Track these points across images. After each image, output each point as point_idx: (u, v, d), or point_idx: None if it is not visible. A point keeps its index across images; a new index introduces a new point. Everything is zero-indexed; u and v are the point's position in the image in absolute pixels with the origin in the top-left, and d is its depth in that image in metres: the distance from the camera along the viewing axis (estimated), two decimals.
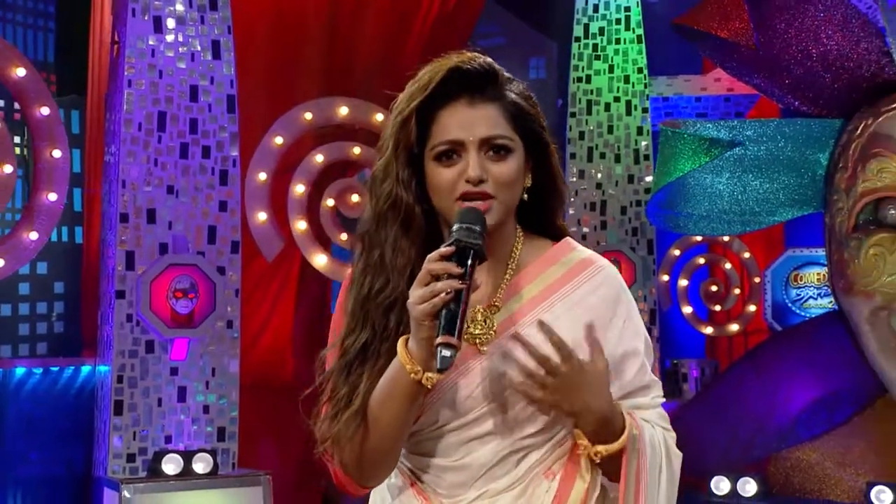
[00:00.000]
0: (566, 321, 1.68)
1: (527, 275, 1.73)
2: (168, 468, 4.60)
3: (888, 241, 4.86)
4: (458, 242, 1.57)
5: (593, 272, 1.75)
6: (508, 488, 1.67)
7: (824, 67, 5.45)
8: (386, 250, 1.68)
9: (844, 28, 5.50)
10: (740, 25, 5.03)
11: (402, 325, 1.65)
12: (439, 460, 1.69)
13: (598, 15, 7.12)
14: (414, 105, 1.66)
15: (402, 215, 1.68)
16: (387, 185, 1.68)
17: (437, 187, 1.67)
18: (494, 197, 1.65)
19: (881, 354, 4.88)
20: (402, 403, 1.61)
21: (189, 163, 4.87)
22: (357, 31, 5.85)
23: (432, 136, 1.67)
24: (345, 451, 1.65)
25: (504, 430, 1.67)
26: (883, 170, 4.89)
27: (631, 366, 1.72)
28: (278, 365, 5.81)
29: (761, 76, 5.46)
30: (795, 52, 5.44)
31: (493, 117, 1.67)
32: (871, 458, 5.02)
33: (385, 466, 1.69)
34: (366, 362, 1.66)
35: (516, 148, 1.68)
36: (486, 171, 1.65)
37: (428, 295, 1.54)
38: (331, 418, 1.66)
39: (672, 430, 1.74)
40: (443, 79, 1.66)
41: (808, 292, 7.01)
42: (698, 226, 5.32)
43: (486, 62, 1.69)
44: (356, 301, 1.70)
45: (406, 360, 1.58)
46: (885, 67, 5.57)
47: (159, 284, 4.69)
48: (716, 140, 4.61)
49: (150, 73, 4.84)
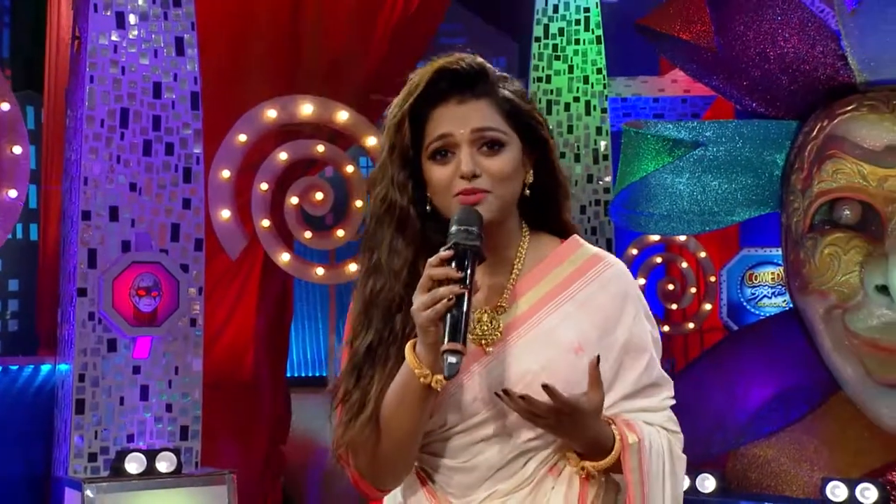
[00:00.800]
0: (575, 320, 1.70)
1: (534, 275, 1.74)
2: (131, 467, 4.58)
3: (843, 240, 4.95)
4: (456, 245, 1.58)
5: (602, 269, 1.75)
6: (517, 488, 1.69)
7: (781, 70, 5.56)
8: (383, 252, 1.70)
9: (801, 31, 5.61)
10: (702, 28, 5.12)
11: (407, 328, 1.66)
12: (448, 461, 1.71)
13: (557, 16, 7.18)
14: (406, 107, 1.68)
15: (396, 217, 1.70)
16: (382, 188, 1.71)
17: (434, 186, 1.69)
18: (490, 191, 1.66)
19: (835, 352, 4.96)
20: (413, 408, 1.62)
21: (152, 160, 4.86)
22: (321, 30, 5.86)
23: (426, 136, 1.69)
24: (360, 456, 1.67)
25: (510, 432, 1.68)
26: (838, 171, 4.98)
27: (639, 363, 1.73)
28: (239, 363, 5.80)
29: (720, 78, 5.55)
30: (753, 54, 5.54)
31: (483, 111, 1.68)
32: (825, 454, 5.12)
33: (401, 470, 1.71)
34: (375, 365, 1.68)
35: (510, 142, 1.69)
36: (480, 166, 1.66)
37: (430, 301, 1.55)
38: (345, 424, 1.68)
39: (680, 433, 1.76)
40: (432, 80, 1.68)
41: (762, 291, 7.14)
42: (659, 225, 5.40)
43: (475, 61, 1.71)
44: (361, 303, 1.72)
45: (415, 365, 1.60)
46: (839, 70, 5.69)
47: (122, 282, 4.67)
48: (678, 141, 4.69)
49: (112, 70, 4.82)
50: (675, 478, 1.71)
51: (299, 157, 5.48)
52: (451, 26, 7.76)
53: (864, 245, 4.84)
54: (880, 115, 4.97)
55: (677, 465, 1.72)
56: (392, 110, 1.71)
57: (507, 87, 1.73)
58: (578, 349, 1.67)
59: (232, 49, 5.66)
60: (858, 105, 5.05)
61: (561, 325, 1.69)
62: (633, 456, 1.65)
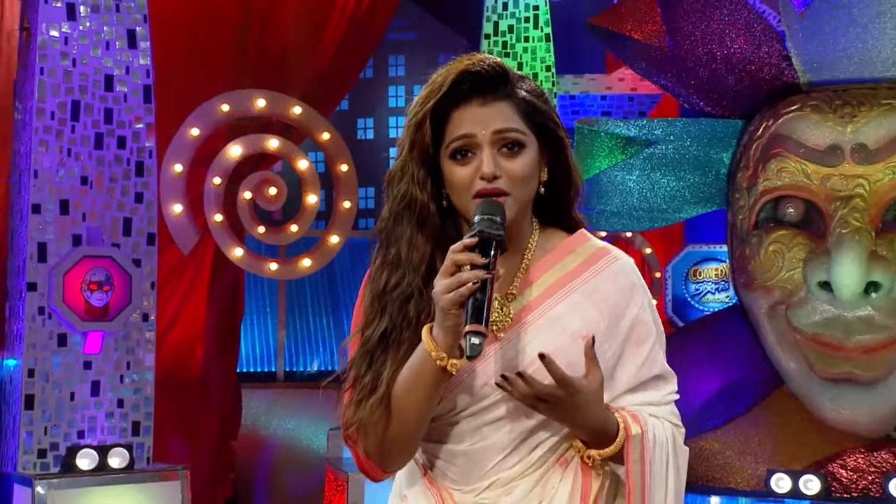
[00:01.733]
0: (582, 310, 1.75)
1: (543, 264, 1.79)
2: (83, 463, 4.56)
3: (786, 237, 5.05)
4: (481, 234, 1.63)
5: (609, 262, 1.81)
6: (521, 476, 1.72)
7: (728, 70, 5.68)
8: (402, 247, 1.74)
9: (747, 32, 5.74)
10: (653, 27, 5.22)
11: (422, 315, 1.71)
12: (453, 446, 1.74)
13: (507, 13, 7.25)
14: (428, 107, 1.73)
15: (417, 213, 1.74)
16: (402, 185, 1.75)
17: (453, 185, 1.73)
18: (509, 193, 1.71)
19: (778, 347, 5.07)
20: (426, 390, 1.66)
21: (104, 153, 4.83)
22: (272, 24, 5.87)
23: (447, 135, 1.74)
24: (369, 437, 1.70)
25: (517, 417, 1.72)
26: (782, 169, 5.08)
27: (640, 353, 1.78)
28: (188, 358, 5.79)
29: (669, 77, 5.66)
30: (701, 54, 5.65)
31: (504, 113, 1.73)
32: (769, 447, 5.23)
33: (406, 452, 1.75)
34: (388, 350, 1.72)
35: (529, 143, 1.75)
36: (500, 168, 1.71)
37: (455, 284, 1.59)
38: (356, 404, 1.71)
39: (682, 427, 1.80)
40: (454, 81, 1.72)
41: (706, 287, 7.30)
42: (609, 222, 5.49)
43: (496, 62, 1.76)
44: (374, 295, 1.75)
45: (432, 348, 1.64)
46: (784, 71, 5.83)
47: (73, 277, 4.64)
48: (631, 139, 4.78)
49: (63, 62, 4.78)
50: (677, 470, 1.74)
51: (252, 151, 5.48)
52: (400, 21, 7.80)
53: (807, 242, 4.94)
54: (823, 115, 5.10)
55: (680, 458, 1.76)
56: (413, 108, 1.75)
57: (526, 87, 1.78)
58: (585, 336, 1.72)
59: (184, 42, 5.64)
60: (802, 105, 5.17)
61: (569, 313, 1.73)
62: (635, 447, 1.69)
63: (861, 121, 5.80)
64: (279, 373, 6.99)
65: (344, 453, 5.31)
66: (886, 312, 4.66)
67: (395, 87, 8.23)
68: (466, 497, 1.74)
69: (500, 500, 1.72)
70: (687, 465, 1.78)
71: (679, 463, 1.75)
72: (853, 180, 4.91)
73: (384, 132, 8.13)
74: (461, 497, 1.75)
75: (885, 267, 4.68)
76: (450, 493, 1.76)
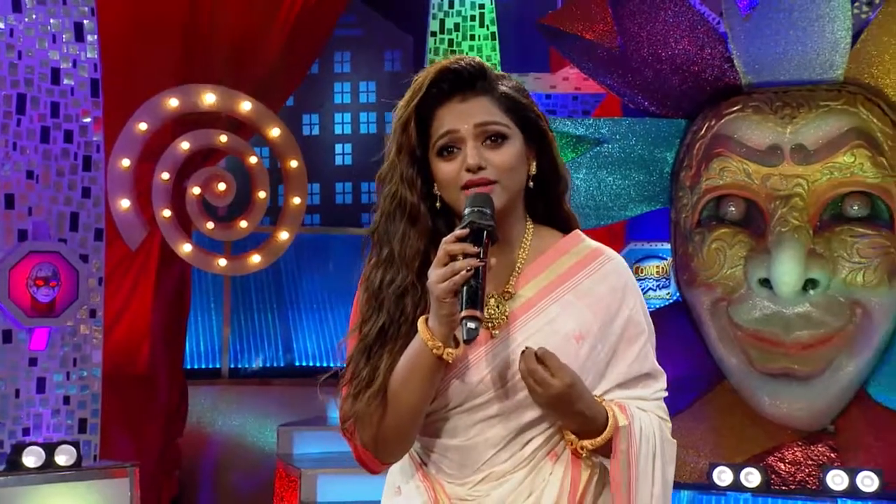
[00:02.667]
0: (576, 310, 1.82)
1: (538, 264, 1.85)
2: (28, 461, 4.53)
3: (728, 235, 5.18)
4: (472, 224, 1.70)
5: (602, 262, 1.88)
6: (513, 470, 1.78)
7: (672, 70, 5.80)
8: (395, 245, 1.80)
9: (691, 34, 5.87)
10: (604, 28, 5.32)
11: (418, 309, 1.77)
12: (447, 440, 1.80)
13: (453, 11, 7.32)
14: (411, 108, 1.80)
15: (407, 212, 1.81)
16: (392, 186, 1.82)
17: (442, 181, 1.80)
18: (497, 181, 1.78)
19: (720, 343, 5.19)
20: (422, 380, 1.72)
21: (50, 147, 4.80)
22: (220, 19, 5.86)
23: (432, 134, 1.81)
24: (366, 429, 1.75)
25: (511, 413, 1.78)
26: (724, 169, 5.21)
27: (631, 351, 1.85)
28: (135, 354, 5.77)
29: (614, 77, 5.77)
30: (647, 54, 5.77)
31: (485, 106, 1.80)
32: (712, 441, 5.35)
33: (403, 443, 1.80)
34: (385, 345, 1.77)
35: (513, 135, 1.81)
36: (485, 159, 1.78)
37: (448, 273, 1.66)
38: (353, 397, 1.76)
39: (669, 421, 1.89)
40: (435, 80, 1.80)
41: (647, 284, 7.42)
42: None
43: (474, 60, 1.84)
44: (370, 292, 1.81)
45: (427, 337, 1.70)
46: (726, 72, 5.97)
47: (18, 272, 4.61)
48: (581, 137, 4.88)
49: (8, 54, 4.74)
50: (664, 461, 1.82)
51: (200, 146, 5.48)
52: (347, 18, 7.82)
53: (748, 240, 5.07)
54: (764, 116, 5.24)
55: (667, 449, 1.84)
56: (398, 111, 1.82)
57: (505, 83, 1.85)
58: (579, 337, 1.80)
59: (132, 36, 5.61)
60: (744, 106, 5.30)
61: (562, 314, 1.80)
62: (623, 439, 1.76)
63: (800, 122, 5.97)
64: (224, 370, 6.98)
65: (295, 449, 5.34)
66: (823, 309, 4.80)
67: (340, 84, 8.26)
68: (460, 490, 1.79)
69: (492, 493, 1.77)
70: (675, 457, 1.85)
71: (666, 455, 1.82)
72: (792, 180, 5.06)
73: (330, 128, 8.16)
74: (454, 490, 1.80)
75: (823, 265, 4.83)
76: (442, 486, 1.81)
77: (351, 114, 8.23)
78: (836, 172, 6.04)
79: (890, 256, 6.08)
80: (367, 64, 8.21)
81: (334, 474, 4.95)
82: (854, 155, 5.94)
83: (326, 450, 5.46)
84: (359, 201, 8.23)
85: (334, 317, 7.46)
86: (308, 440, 5.47)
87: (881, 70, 6.04)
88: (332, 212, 7.46)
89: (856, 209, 5.98)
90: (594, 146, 4.97)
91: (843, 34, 5.87)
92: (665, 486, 1.81)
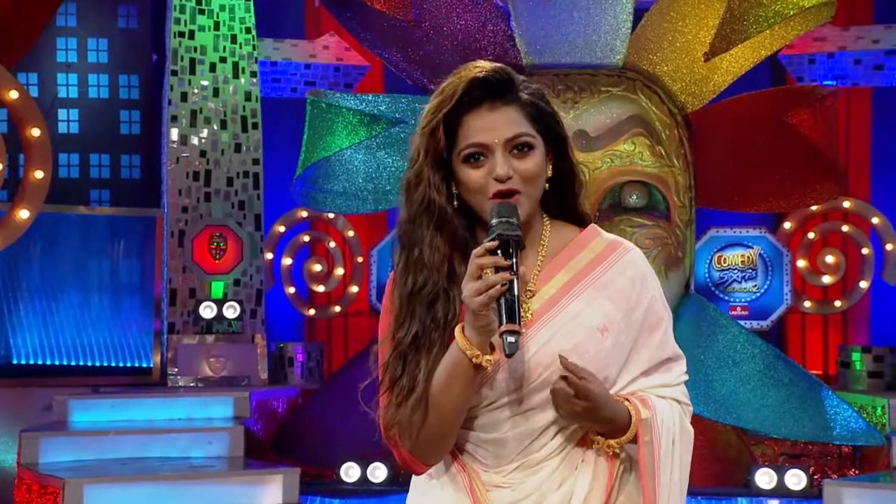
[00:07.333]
0: (598, 303, 2.01)
1: (558, 261, 2.04)
2: None
3: None
4: (501, 236, 1.88)
5: (620, 255, 2.06)
6: (546, 458, 1.99)
7: (454, 46, 5.93)
8: (424, 249, 2.00)
9: (473, 9, 6.03)
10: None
11: (448, 315, 1.97)
12: (481, 434, 2.00)
13: None
14: (441, 116, 1.97)
15: (435, 216, 1.99)
16: (420, 190, 1.99)
17: (468, 187, 1.99)
18: (521, 192, 1.98)
19: None
20: (462, 387, 1.92)
21: None
22: None
23: (459, 140, 1.99)
24: (411, 435, 1.95)
25: (542, 407, 1.98)
26: None
27: (653, 339, 2.05)
28: None
29: (394, 50, 5.82)
30: (429, 28, 5.87)
31: (513, 118, 2.00)
32: None
33: (446, 445, 2.00)
34: (420, 352, 1.96)
35: (537, 144, 2.01)
36: (512, 168, 1.97)
37: (483, 287, 1.85)
38: (396, 406, 1.96)
39: (690, 405, 2.09)
40: (465, 89, 1.96)
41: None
42: (336, 203, 5.57)
43: (502, 69, 2.01)
44: (401, 298, 2.00)
45: (466, 347, 1.89)
46: (508, 51, 6.17)
47: None
48: (377, 116, 4.88)
49: None
50: (684, 447, 2.04)
51: None
52: None
53: None
54: None
55: (685, 437, 2.05)
56: (426, 117, 2.00)
57: (529, 90, 2.04)
58: (603, 329, 1.99)
59: None
60: None
61: (586, 308, 2.00)
62: (647, 431, 1.99)
63: (582, 107, 6.27)
64: None
65: (41, 458, 5.07)
66: None
67: (65, 40, 7.81)
68: (495, 477, 2.00)
69: (526, 480, 1.99)
70: (692, 444, 2.06)
71: (684, 442, 2.04)
72: None
73: (52, 91, 7.70)
74: (490, 477, 2.01)
75: None
76: (478, 474, 2.01)
77: (78, 75, 7.81)
78: (616, 160, 6.41)
79: (667, 248, 6.52)
80: (96, 18, 7.80)
81: (102, 484, 4.76)
82: (634, 143, 6.32)
83: (78, 458, 5.22)
84: (87, 175, 7.82)
85: (61, 308, 7.06)
86: (58, 447, 5.20)
87: (660, 57, 6.44)
88: (55, 187, 7.06)
89: (634, 199, 6.37)
90: (392, 125, 4.99)
91: (624, 17, 6.20)
92: (682, 472, 2.03)
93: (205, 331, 6.88)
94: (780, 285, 7.25)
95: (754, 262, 7.27)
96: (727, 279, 7.32)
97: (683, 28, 6.18)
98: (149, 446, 5.53)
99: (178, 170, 7.10)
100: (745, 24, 5.62)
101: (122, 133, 7.94)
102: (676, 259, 6.12)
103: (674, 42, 6.33)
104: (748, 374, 6.02)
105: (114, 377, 7.01)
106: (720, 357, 6.02)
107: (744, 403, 5.94)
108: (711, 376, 5.97)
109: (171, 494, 4.99)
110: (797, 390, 6.01)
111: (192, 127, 7.13)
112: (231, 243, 7.03)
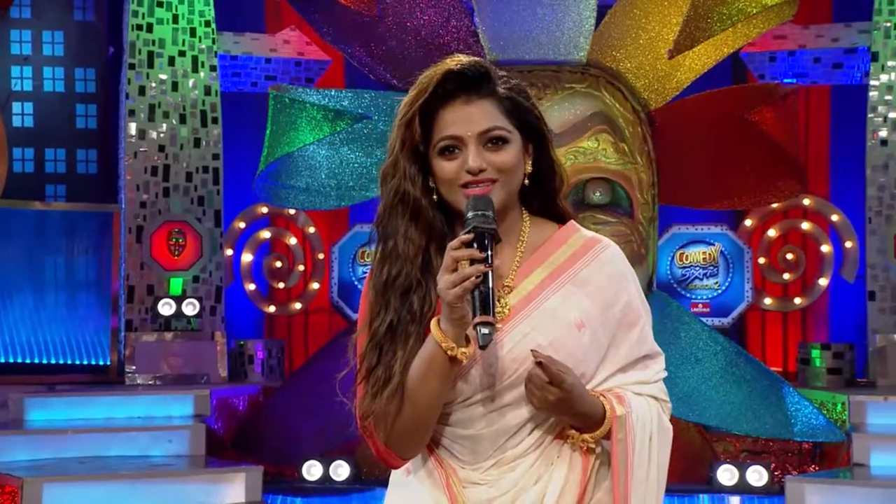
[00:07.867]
0: (576, 299, 2.03)
1: (537, 257, 2.06)
2: None
3: None
4: (476, 229, 1.90)
5: (598, 251, 2.08)
6: (522, 455, 2.01)
7: (417, 43, 5.94)
8: (398, 240, 2.01)
9: (437, 5, 6.04)
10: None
11: (424, 307, 1.98)
12: (458, 430, 2.02)
13: None
14: (416, 107, 1.99)
15: (410, 207, 2.01)
16: (395, 181, 2.01)
17: (442, 179, 2.01)
18: (496, 180, 2.00)
19: None
20: (438, 379, 1.94)
21: None
22: None
23: (435, 133, 2.01)
24: (386, 426, 1.96)
25: (517, 404, 1.99)
26: None
27: (631, 335, 2.07)
28: None
29: (357, 45, 5.82)
30: (392, 23, 5.87)
31: (488, 111, 2.01)
32: None
33: (422, 438, 2.01)
34: (396, 342, 1.98)
35: (513, 138, 2.02)
36: (486, 161, 1.99)
37: (458, 280, 1.87)
38: (371, 396, 1.96)
39: (669, 402, 2.10)
40: (440, 81, 1.98)
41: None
42: (298, 199, 5.56)
43: (480, 62, 2.03)
44: (376, 288, 2.01)
45: (441, 339, 1.91)
46: (472, 47, 6.18)
47: None
48: (340, 112, 4.88)
49: None
50: (661, 445, 2.05)
51: None
52: None
53: None
54: None
55: (663, 435, 2.06)
56: (402, 109, 2.01)
57: (507, 85, 2.05)
58: (580, 325, 2.01)
59: None
60: None
61: (563, 304, 2.02)
62: (620, 428, 2.00)
63: (546, 104, 6.30)
64: None
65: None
66: None
67: (19, 32, 7.72)
68: (472, 474, 2.02)
69: (503, 477, 2.01)
70: (670, 442, 2.08)
71: (662, 439, 2.06)
72: None
73: (5, 84, 7.62)
74: (467, 474, 2.02)
75: None
76: (455, 471, 2.03)
77: (33, 68, 7.73)
78: (579, 157, 6.45)
79: (630, 245, 6.57)
80: (52, 10, 7.72)
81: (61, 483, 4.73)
82: (598, 140, 6.36)
83: (35, 457, 5.18)
84: (42, 170, 7.74)
85: (16, 305, 7.00)
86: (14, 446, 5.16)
87: (623, 54, 6.49)
88: (10, 182, 6.99)
89: (598, 195, 6.41)
90: (357, 121, 4.99)
91: (588, 14, 6.25)
92: (660, 470, 2.05)
93: (163, 328, 6.85)
94: (741, 282, 7.32)
95: (716, 259, 7.34)
96: (689, 276, 7.37)
97: (647, 25, 6.23)
98: (108, 445, 5.51)
99: (136, 164, 7.06)
100: (709, 21, 5.68)
101: (78, 127, 7.87)
102: (639, 256, 6.17)
103: (637, 39, 6.38)
104: (710, 371, 6.09)
105: (70, 375, 6.96)
106: (682, 354, 6.08)
107: (706, 400, 6.01)
108: (674, 373, 5.96)
109: (132, 493, 4.97)
110: (759, 387, 6.09)
111: (151, 121, 7.09)
112: (190, 239, 6.99)
